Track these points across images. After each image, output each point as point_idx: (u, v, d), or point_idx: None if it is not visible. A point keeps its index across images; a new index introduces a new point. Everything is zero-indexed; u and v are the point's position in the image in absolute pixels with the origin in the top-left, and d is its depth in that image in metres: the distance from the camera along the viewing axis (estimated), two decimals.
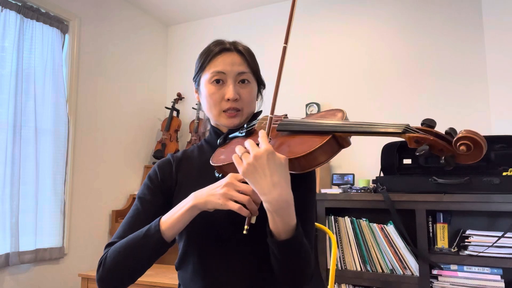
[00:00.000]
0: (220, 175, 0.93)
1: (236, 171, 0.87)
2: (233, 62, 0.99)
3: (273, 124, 0.91)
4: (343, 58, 3.02)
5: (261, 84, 1.08)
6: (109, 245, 0.92)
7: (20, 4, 2.45)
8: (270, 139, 0.88)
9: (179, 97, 3.52)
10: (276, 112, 0.98)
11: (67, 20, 2.79)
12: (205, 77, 1.00)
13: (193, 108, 3.41)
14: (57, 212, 2.59)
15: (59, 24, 2.72)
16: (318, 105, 2.93)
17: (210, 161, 0.95)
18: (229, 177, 0.82)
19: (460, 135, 0.68)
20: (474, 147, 0.68)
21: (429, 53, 2.75)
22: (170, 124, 3.42)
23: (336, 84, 3.01)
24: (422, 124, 0.75)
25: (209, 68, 0.99)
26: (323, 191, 2.30)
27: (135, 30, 3.40)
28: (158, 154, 3.34)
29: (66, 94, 2.73)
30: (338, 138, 0.82)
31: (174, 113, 3.48)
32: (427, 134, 0.73)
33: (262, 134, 0.80)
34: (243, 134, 0.96)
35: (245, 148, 0.79)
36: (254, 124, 0.98)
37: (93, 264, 2.87)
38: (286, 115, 0.99)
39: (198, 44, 3.62)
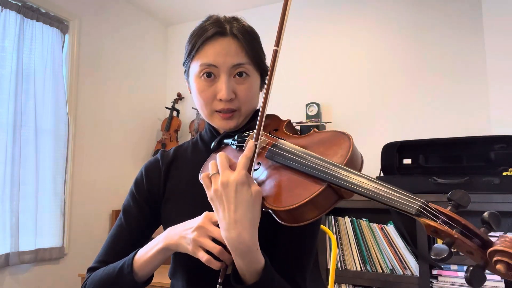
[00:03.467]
0: None
1: None
2: (227, 51, 0.79)
3: (267, 142, 0.73)
4: (343, 58, 3.02)
5: (265, 74, 0.88)
6: (91, 269, 0.86)
7: (20, 4, 2.45)
8: (259, 163, 0.72)
9: (179, 97, 3.52)
10: (276, 113, 0.86)
11: (67, 20, 2.79)
12: (194, 69, 0.83)
13: (193, 108, 3.41)
14: (57, 212, 2.59)
15: (59, 24, 2.72)
16: (318, 105, 2.93)
17: (199, 176, 0.77)
18: (203, 218, 0.69)
19: (499, 247, 0.45)
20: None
21: (429, 53, 2.75)
22: (170, 124, 3.42)
23: (336, 84, 3.01)
24: (449, 201, 0.52)
25: (198, 58, 0.81)
26: None
27: (135, 30, 3.40)
28: None
29: (66, 94, 2.73)
30: (336, 189, 0.62)
31: (174, 113, 3.48)
32: (451, 225, 0.49)
33: (242, 157, 0.64)
34: (234, 146, 0.79)
35: (217, 167, 0.65)
36: (241, 136, 0.80)
37: None
38: (289, 120, 0.83)
39: None
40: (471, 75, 2.61)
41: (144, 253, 0.76)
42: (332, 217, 2.19)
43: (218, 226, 0.67)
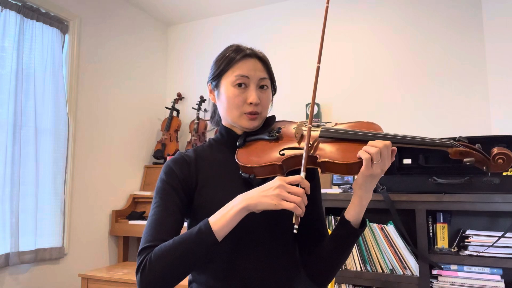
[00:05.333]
0: (251, 176, 0.98)
1: (268, 173, 0.97)
2: (256, 68, 1.05)
3: (312, 130, 1.01)
4: (343, 59, 3.02)
5: (273, 89, 1.14)
6: (146, 248, 0.91)
7: (20, 4, 2.45)
8: (311, 144, 0.97)
9: (179, 97, 3.52)
10: (279, 115, 1.06)
11: (67, 20, 2.79)
12: (228, 79, 1.04)
13: (193, 108, 3.41)
14: (57, 212, 2.59)
15: (59, 24, 2.72)
16: (318, 105, 2.93)
17: (239, 162, 1.00)
18: (280, 179, 0.87)
19: (498, 151, 0.88)
20: (507, 159, 0.88)
21: (429, 53, 2.75)
22: (170, 124, 3.42)
23: (336, 84, 3.01)
24: (457, 140, 0.91)
25: (233, 71, 1.04)
26: (323, 191, 2.30)
27: (135, 30, 3.40)
28: (158, 154, 3.34)
29: (66, 94, 2.73)
30: None
31: (174, 113, 3.48)
32: (470, 148, 0.89)
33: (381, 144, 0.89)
34: (274, 137, 1.04)
35: (377, 147, 0.88)
36: (280, 129, 1.06)
37: (93, 264, 2.87)
38: (300, 122, 1.09)
39: (198, 44, 3.62)
40: (471, 75, 2.61)
41: (222, 216, 0.89)
42: (332, 217, 2.19)
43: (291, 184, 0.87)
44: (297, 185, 0.87)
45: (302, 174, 0.89)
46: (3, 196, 2.30)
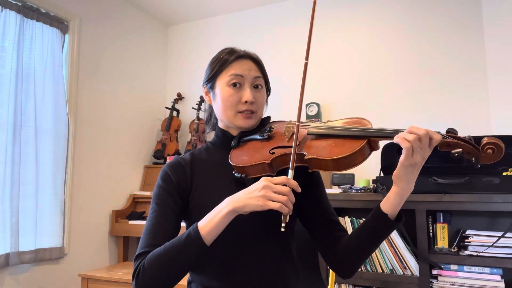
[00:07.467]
0: (243, 176, 0.99)
1: (259, 172, 0.97)
2: (250, 67, 1.08)
3: (301, 128, 1.02)
4: (343, 58, 3.02)
5: (267, 90, 1.15)
6: (141, 255, 0.92)
7: (20, 4, 2.45)
8: (299, 143, 0.97)
9: (179, 97, 3.52)
10: (277, 115, 1.02)
11: (67, 20, 2.79)
12: (223, 79, 1.06)
13: (193, 108, 3.41)
14: (57, 212, 2.59)
15: (59, 24, 2.72)
16: (318, 105, 2.93)
17: (231, 162, 1.01)
18: (265, 180, 0.86)
19: (487, 140, 0.85)
20: (497, 150, 0.84)
21: (428, 53, 2.75)
22: (170, 124, 3.42)
23: (336, 84, 3.01)
24: (447, 132, 0.89)
25: (227, 71, 1.06)
26: None
27: (135, 30, 3.40)
28: (158, 154, 3.34)
29: (66, 94, 2.73)
30: (372, 142, 0.92)
31: (174, 113, 3.48)
32: (458, 139, 0.86)
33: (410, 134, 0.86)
34: (265, 137, 1.05)
35: (418, 135, 0.84)
36: (271, 129, 1.07)
37: (93, 264, 2.87)
38: (290, 121, 1.09)
39: (198, 44, 3.62)
40: (471, 75, 2.61)
41: (209, 220, 0.88)
42: None
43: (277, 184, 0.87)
44: (284, 185, 0.87)
45: (290, 172, 0.90)
46: (3, 196, 2.30)
